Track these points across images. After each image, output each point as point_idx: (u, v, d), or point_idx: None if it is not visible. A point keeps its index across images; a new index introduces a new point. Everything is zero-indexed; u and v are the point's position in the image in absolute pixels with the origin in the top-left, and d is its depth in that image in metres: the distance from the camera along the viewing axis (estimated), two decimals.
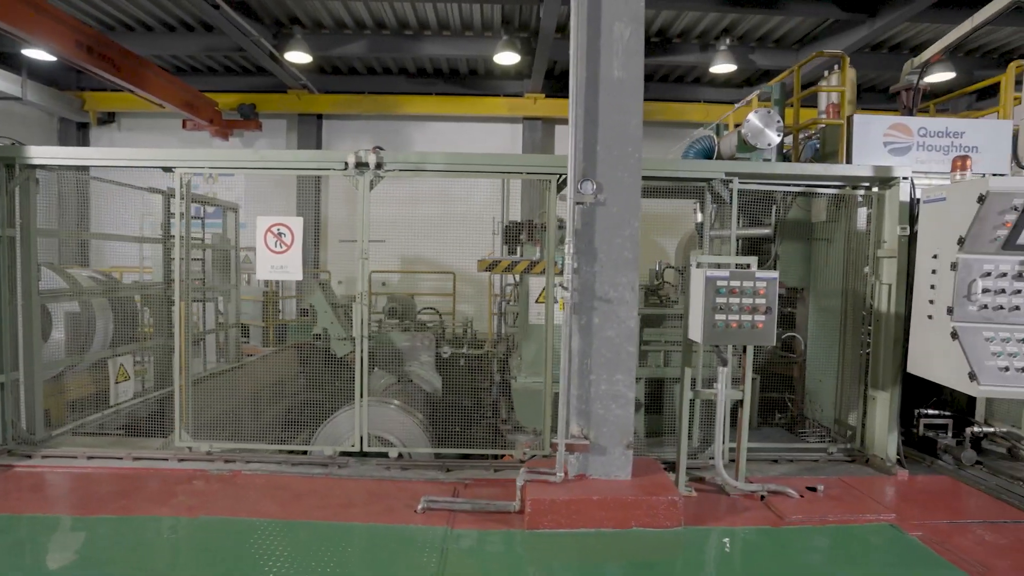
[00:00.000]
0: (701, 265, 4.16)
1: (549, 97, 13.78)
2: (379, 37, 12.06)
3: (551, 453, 4.28)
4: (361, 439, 4.83)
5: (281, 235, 4.81)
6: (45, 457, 4.78)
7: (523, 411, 5.68)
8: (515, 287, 7.11)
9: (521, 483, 3.97)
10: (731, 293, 3.93)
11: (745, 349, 4.25)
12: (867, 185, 5.08)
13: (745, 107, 7.18)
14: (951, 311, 4.09)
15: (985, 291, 4.03)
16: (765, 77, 13.15)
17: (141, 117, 14.42)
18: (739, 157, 5.73)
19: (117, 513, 3.89)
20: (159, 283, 6.65)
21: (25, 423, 4.99)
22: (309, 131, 14.44)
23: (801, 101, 6.58)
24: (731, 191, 4.88)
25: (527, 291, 5.84)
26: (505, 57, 11.55)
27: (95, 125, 14.36)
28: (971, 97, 13.30)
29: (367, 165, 4.72)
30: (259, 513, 3.93)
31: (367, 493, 4.27)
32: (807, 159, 6.61)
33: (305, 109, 14.24)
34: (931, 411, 5.27)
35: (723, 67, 11.72)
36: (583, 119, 4.02)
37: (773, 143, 5.54)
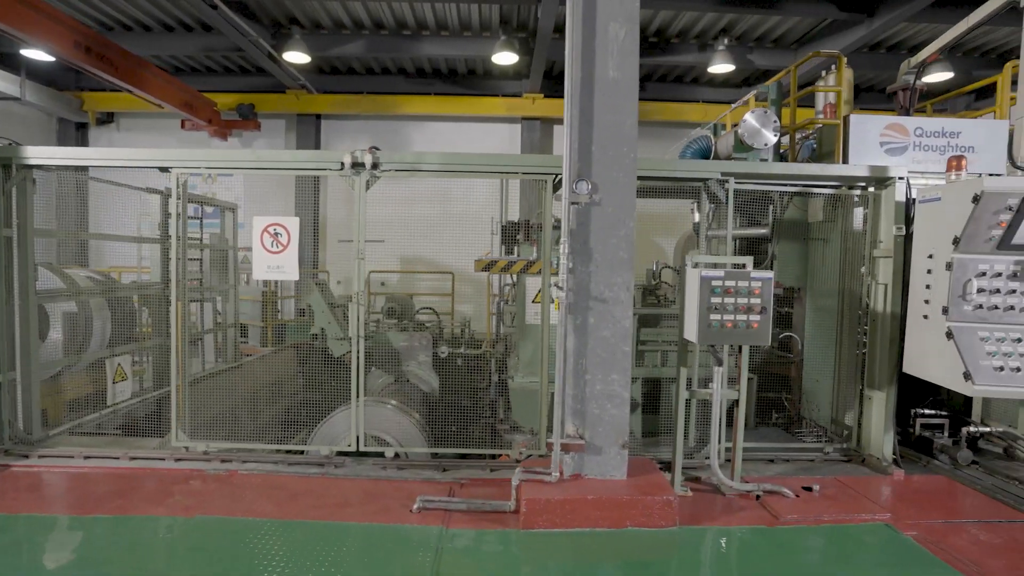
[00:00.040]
0: (697, 265, 4.16)
1: (548, 97, 13.78)
2: (377, 37, 12.07)
3: (547, 453, 4.28)
4: (357, 439, 4.84)
5: (277, 235, 4.82)
6: (42, 457, 4.79)
7: (520, 411, 5.69)
8: (513, 287, 7.12)
9: (516, 483, 3.97)
10: (726, 293, 3.94)
11: (741, 349, 4.25)
12: (863, 185, 5.08)
13: (742, 107, 7.18)
14: (946, 311, 4.09)
15: (980, 291, 4.03)
16: (764, 77, 13.13)
17: (140, 117, 14.44)
18: (736, 157, 5.73)
19: (113, 513, 3.90)
20: (157, 283, 6.66)
21: (22, 423, 5.00)
22: (308, 131, 14.45)
23: (800, 101, 6.58)
24: (727, 191, 4.88)
25: (524, 291, 5.86)
26: (503, 57, 11.55)
27: (94, 125, 14.38)
28: (970, 97, 13.31)
29: (363, 165, 4.72)
30: (255, 513, 3.93)
31: (363, 493, 4.28)
32: (804, 159, 6.61)
33: (304, 109, 14.26)
34: (928, 411, 5.28)
35: (721, 67, 11.73)
36: (578, 119, 4.03)
37: (770, 143, 5.54)
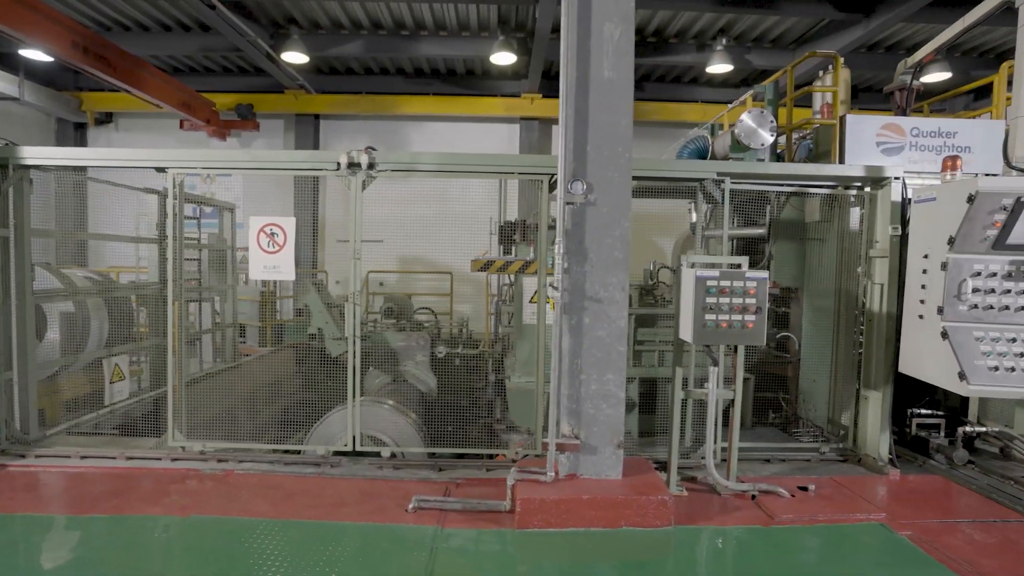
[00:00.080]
0: (692, 265, 4.17)
1: (546, 97, 13.78)
2: (376, 37, 12.07)
3: (543, 453, 4.29)
4: (354, 439, 4.85)
5: (274, 235, 4.82)
6: (39, 457, 4.79)
7: (517, 411, 5.70)
8: (510, 287, 7.13)
9: (511, 482, 3.98)
10: (721, 293, 3.94)
11: (736, 349, 4.26)
12: (859, 185, 5.08)
13: (739, 107, 7.19)
14: (941, 311, 4.10)
15: (975, 291, 4.05)
16: (762, 77, 13.14)
17: (138, 117, 14.44)
18: (733, 157, 5.73)
19: (110, 512, 3.90)
20: (155, 283, 6.66)
21: (19, 423, 5.00)
22: (306, 131, 14.45)
23: (797, 101, 6.59)
24: (723, 191, 4.89)
25: (521, 291, 5.86)
26: (502, 57, 11.56)
27: (92, 125, 14.38)
28: (968, 97, 13.33)
29: (359, 165, 4.72)
30: (251, 512, 3.94)
31: (359, 492, 4.28)
32: (801, 159, 6.61)
33: (302, 109, 14.26)
34: (924, 411, 5.28)
35: (719, 67, 11.73)
36: (573, 119, 4.03)
37: (766, 143, 5.54)
